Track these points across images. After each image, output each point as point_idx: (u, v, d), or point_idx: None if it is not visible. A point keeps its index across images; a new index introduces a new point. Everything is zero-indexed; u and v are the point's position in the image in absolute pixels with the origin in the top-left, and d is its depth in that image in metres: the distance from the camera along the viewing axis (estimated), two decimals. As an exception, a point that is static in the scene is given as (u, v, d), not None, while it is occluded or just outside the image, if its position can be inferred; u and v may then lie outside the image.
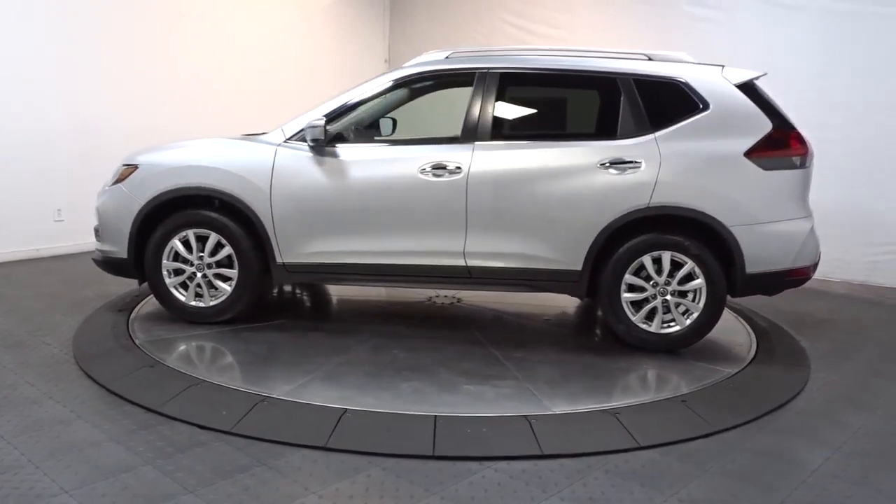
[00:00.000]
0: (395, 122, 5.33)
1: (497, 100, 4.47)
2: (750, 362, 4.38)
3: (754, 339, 4.83)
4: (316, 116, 4.45)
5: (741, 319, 5.31)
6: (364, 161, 4.51)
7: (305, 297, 5.86)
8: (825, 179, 4.54)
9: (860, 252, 6.71)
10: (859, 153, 6.62)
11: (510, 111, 4.65)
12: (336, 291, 5.95)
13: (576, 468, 3.05)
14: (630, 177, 4.22)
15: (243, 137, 4.80)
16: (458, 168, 4.34)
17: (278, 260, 4.57)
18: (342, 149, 4.51)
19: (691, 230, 4.26)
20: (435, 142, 4.53)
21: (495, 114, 4.44)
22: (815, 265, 4.39)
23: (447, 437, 3.26)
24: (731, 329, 4.99)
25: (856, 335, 5.26)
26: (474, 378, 3.95)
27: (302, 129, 4.47)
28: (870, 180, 6.62)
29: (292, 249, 4.54)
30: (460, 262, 4.44)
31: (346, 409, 3.45)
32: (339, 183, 4.46)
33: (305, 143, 4.47)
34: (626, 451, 3.22)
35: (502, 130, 4.56)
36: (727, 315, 5.16)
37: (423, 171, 4.37)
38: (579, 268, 4.34)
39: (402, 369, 4.06)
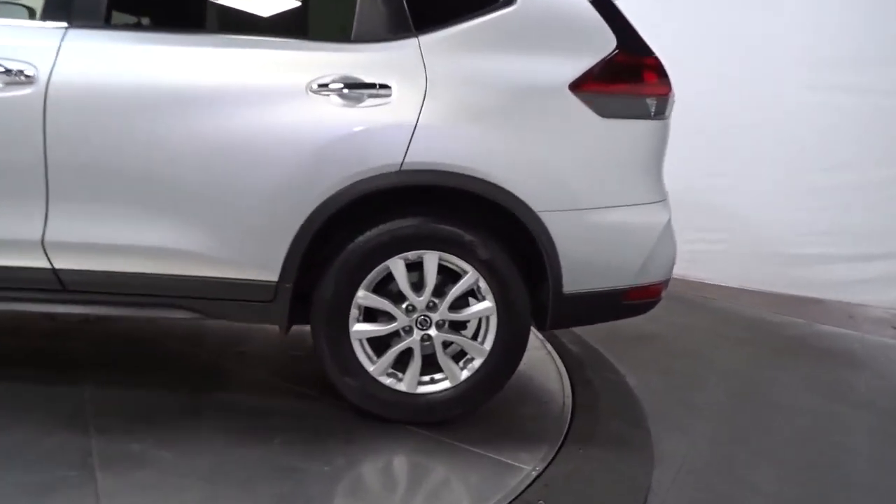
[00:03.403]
0: (30, 10, 3.09)
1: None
2: (565, 437, 2.65)
3: (567, 383, 3.13)
4: None
5: (545, 342, 3.62)
6: None
7: None
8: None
9: (680, 239, 5.41)
10: (684, 125, 5.30)
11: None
12: None
13: None
14: (370, 112, 2.27)
15: None
16: (29, 76, 2.17)
17: None
18: None
19: (476, 215, 2.42)
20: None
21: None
22: (668, 281, 2.74)
23: None
24: (532, 363, 3.25)
25: (691, 360, 3.83)
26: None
27: None
28: (695, 157, 5.33)
29: None
30: (38, 263, 2.29)
31: None
32: None
33: None
34: None
35: (127, 9, 2.44)
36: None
37: (-46, 75, 2.16)
38: (274, 277, 2.34)
39: None
